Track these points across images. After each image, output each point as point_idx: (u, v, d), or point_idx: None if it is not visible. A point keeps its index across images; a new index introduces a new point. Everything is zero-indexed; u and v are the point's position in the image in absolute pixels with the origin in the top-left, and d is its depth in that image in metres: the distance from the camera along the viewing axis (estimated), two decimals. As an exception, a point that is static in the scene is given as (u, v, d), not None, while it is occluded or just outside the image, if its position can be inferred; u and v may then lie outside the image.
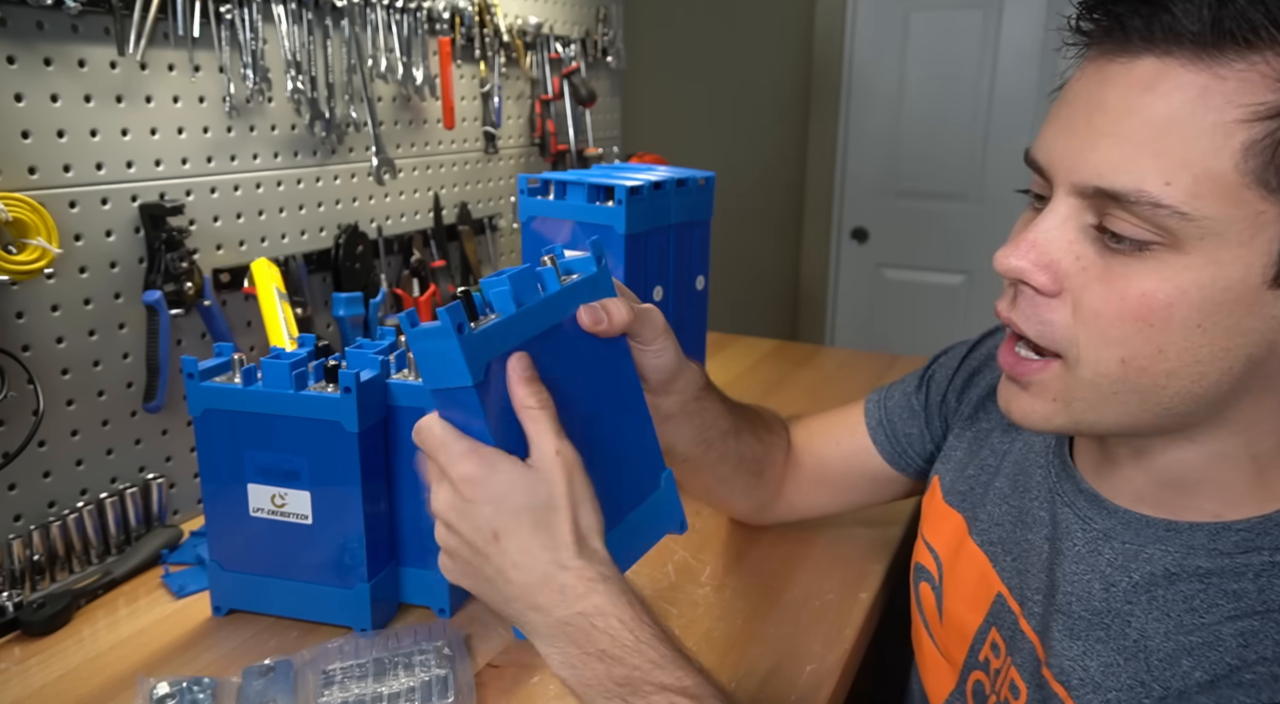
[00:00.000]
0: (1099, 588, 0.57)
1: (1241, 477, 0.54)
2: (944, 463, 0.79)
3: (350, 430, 0.76)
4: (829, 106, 2.67)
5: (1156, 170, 0.47)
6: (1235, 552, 0.53)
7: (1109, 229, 0.50)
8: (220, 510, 0.82)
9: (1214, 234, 0.47)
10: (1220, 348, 0.49)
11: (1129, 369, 0.51)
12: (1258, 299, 0.48)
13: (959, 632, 0.70)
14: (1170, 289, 0.48)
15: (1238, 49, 0.45)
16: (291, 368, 0.77)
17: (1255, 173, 0.46)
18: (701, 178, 1.14)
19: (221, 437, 0.80)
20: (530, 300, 0.56)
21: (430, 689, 0.72)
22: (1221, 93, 0.46)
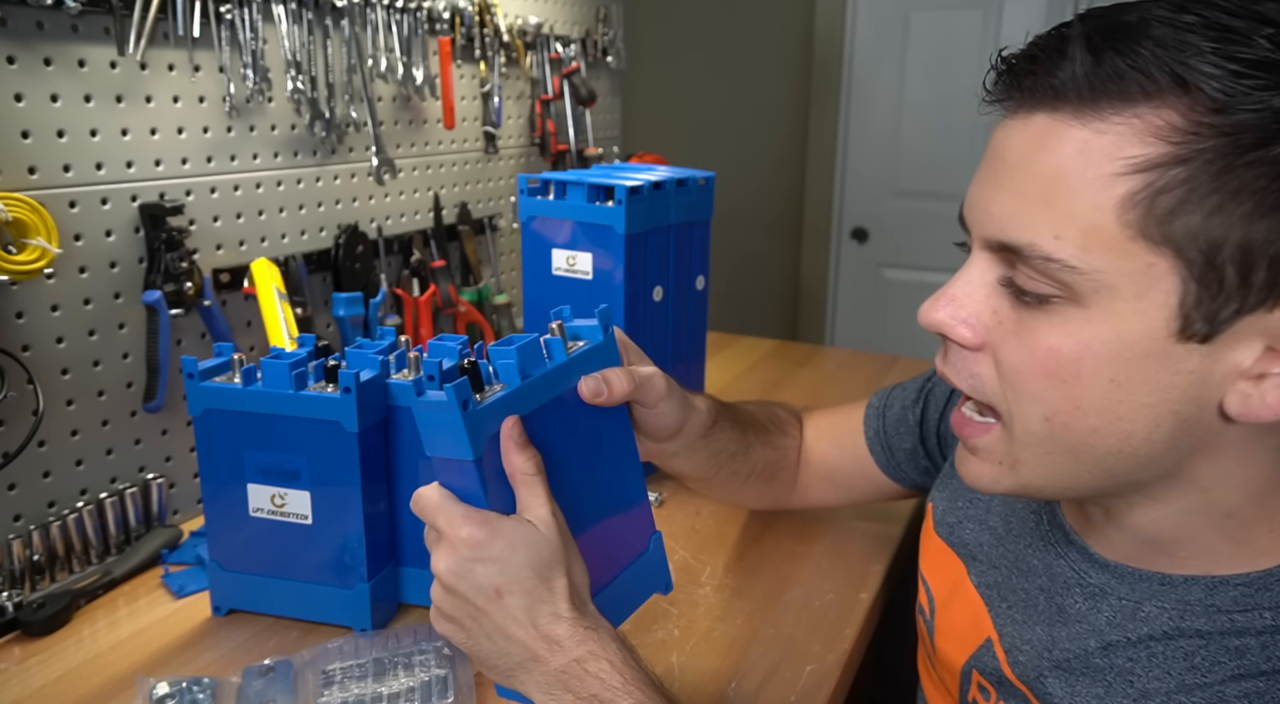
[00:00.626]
0: (1096, 645, 0.56)
1: (1220, 535, 0.53)
2: (939, 490, 0.78)
3: (350, 430, 0.76)
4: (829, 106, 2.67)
5: (1048, 224, 0.48)
6: (1234, 609, 0.52)
7: (1016, 283, 0.50)
8: (220, 510, 0.82)
9: (1107, 287, 0.47)
10: (1140, 405, 0.48)
11: (1053, 426, 0.51)
12: (1167, 353, 0.47)
13: (948, 668, 0.70)
14: (1075, 343, 0.48)
15: (1114, 105, 0.45)
16: (291, 368, 0.77)
17: (1137, 225, 0.45)
18: (701, 178, 1.14)
19: (221, 437, 0.79)
20: (535, 371, 0.58)
21: (430, 689, 0.72)
22: (1101, 147, 0.46)
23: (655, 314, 1.12)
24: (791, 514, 1.04)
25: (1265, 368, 0.47)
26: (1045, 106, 0.48)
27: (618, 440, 0.66)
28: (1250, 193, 0.43)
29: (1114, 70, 0.45)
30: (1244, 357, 0.47)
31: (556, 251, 1.09)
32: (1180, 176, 0.44)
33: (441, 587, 0.56)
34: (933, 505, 0.78)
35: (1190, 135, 0.44)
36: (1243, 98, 0.43)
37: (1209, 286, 0.45)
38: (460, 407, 0.52)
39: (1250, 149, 0.43)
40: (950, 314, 0.53)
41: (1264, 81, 0.43)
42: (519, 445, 0.55)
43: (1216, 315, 0.46)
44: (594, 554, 0.60)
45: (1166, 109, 0.44)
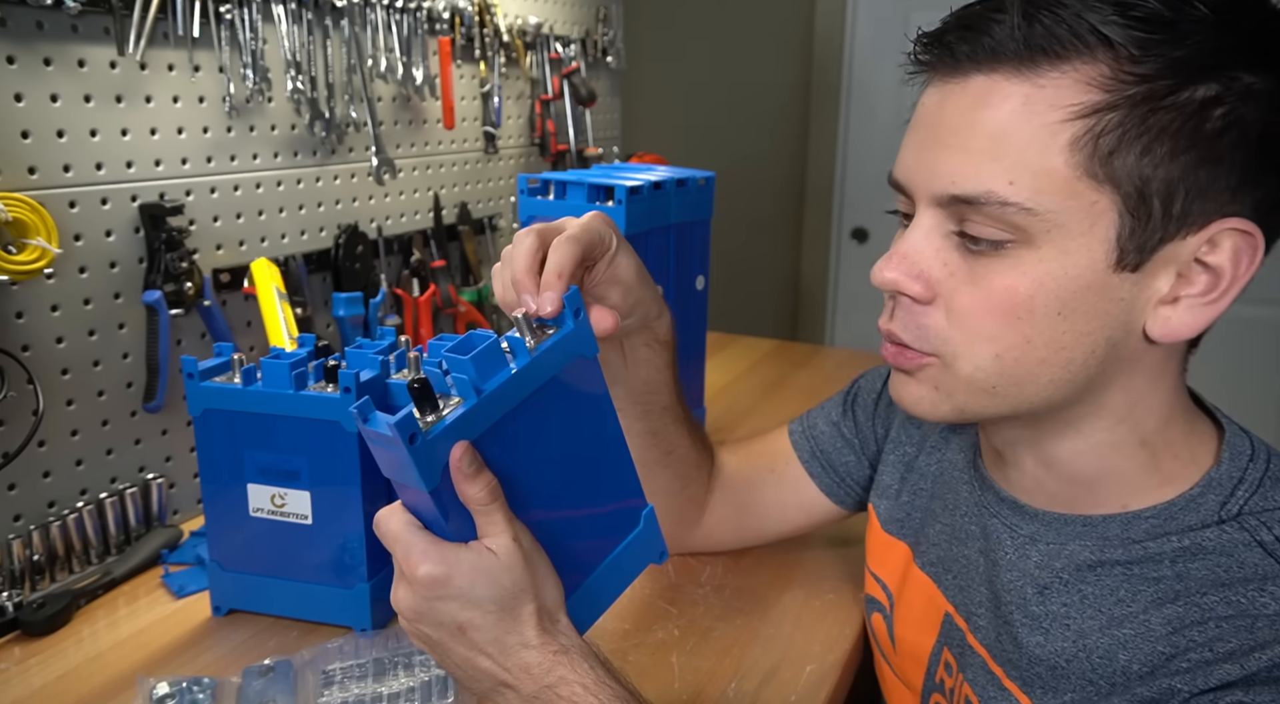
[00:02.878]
0: (1033, 592, 0.60)
1: (1135, 464, 0.58)
2: (877, 492, 0.80)
3: (350, 430, 0.76)
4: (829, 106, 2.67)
5: (1000, 173, 0.52)
6: (1146, 539, 0.56)
7: (968, 233, 0.54)
8: (220, 510, 0.82)
9: (1058, 226, 0.51)
10: (1081, 333, 0.53)
11: (1004, 362, 0.55)
12: (1106, 283, 0.52)
13: (914, 657, 0.72)
14: (1029, 282, 0.53)
15: (1050, 60, 0.50)
16: (291, 368, 0.77)
17: (1083, 165, 0.50)
18: (701, 178, 1.14)
19: (221, 437, 0.79)
20: (495, 379, 0.52)
21: (430, 689, 0.72)
22: (1043, 98, 0.51)
23: (655, 314, 1.12)
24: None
25: (1178, 291, 0.52)
26: (982, 68, 0.52)
27: (602, 419, 0.61)
28: (1169, 134, 0.49)
29: (1046, 31, 0.50)
30: (1162, 283, 0.52)
31: (556, 251, 1.09)
32: (1115, 120, 0.50)
33: (409, 624, 0.55)
34: (874, 507, 0.80)
35: (1119, 83, 0.49)
36: (1154, 49, 0.49)
37: (1140, 219, 0.51)
38: (407, 442, 0.47)
39: (1164, 95, 0.49)
40: (903, 271, 0.56)
41: (1162, 37, 0.49)
42: (469, 477, 0.51)
43: (1144, 246, 0.51)
44: (582, 542, 0.58)
45: (1097, 62, 0.50)
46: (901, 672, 0.74)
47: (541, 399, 0.55)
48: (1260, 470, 0.56)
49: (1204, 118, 0.49)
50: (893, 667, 0.76)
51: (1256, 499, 0.55)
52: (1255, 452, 0.57)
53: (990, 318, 0.54)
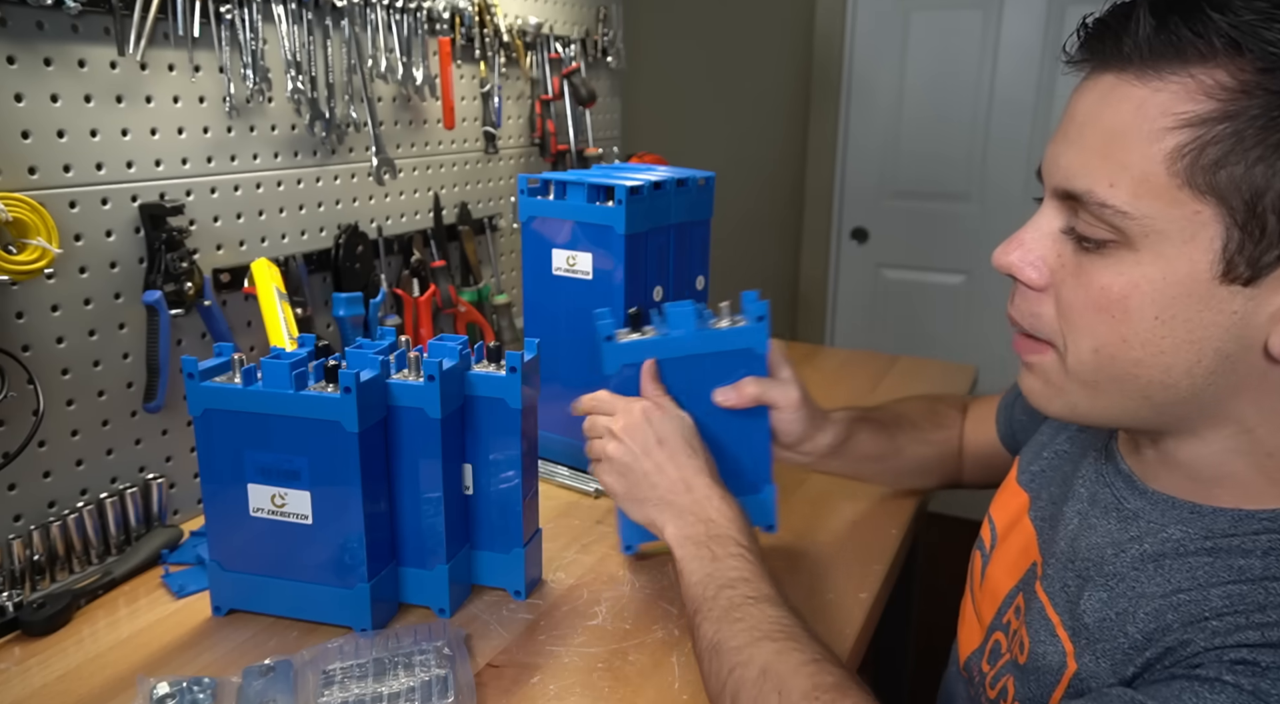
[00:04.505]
0: (1110, 553, 0.61)
1: (1259, 473, 0.56)
2: (1029, 446, 0.82)
3: (350, 430, 0.76)
4: (829, 106, 2.67)
5: (1104, 173, 0.53)
6: (1254, 532, 0.55)
7: (1077, 230, 0.55)
8: (220, 510, 0.82)
9: (1157, 232, 0.51)
10: (1182, 341, 0.53)
11: (1101, 357, 0.56)
12: (1210, 294, 0.51)
13: (992, 595, 0.75)
14: (1124, 283, 0.53)
15: (1171, 66, 0.50)
16: (291, 368, 0.77)
17: (1184, 174, 0.50)
18: (701, 178, 1.14)
19: (221, 437, 0.79)
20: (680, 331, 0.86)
21: (430, 689, 0.72)
22: (1157, 103, 0.51)
23: (655, 314, 1.12)
24: (791, 514, 1.04)
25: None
26: (1113, 68, 0.53)
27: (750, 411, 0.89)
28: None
29: (1174, 34, 0.50)
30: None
31: (556, 251, 1.09)
32: (1227, 131, 0.49)
33: (615, 441, 0.82)
34: (1019, 459, 0.82)
35: (1239, 93, 0.48)
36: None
37: (1251, 233, 0.49)
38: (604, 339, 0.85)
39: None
40: (1019, 257, 0.59)
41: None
42: (651, 378, 0.85)
43: (1259, 260, 0.50)
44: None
45: (1219, 70, 0.49)
46: (980, 607, 0.77)
47: (713, 362, 0.87)
48: None
49: None
50: (975, 603, 0.79)
51: None
52: None
53: (1088, 313, 0.55)
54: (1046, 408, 0.62)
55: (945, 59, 2.53)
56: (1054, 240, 0.57)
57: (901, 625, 1.44)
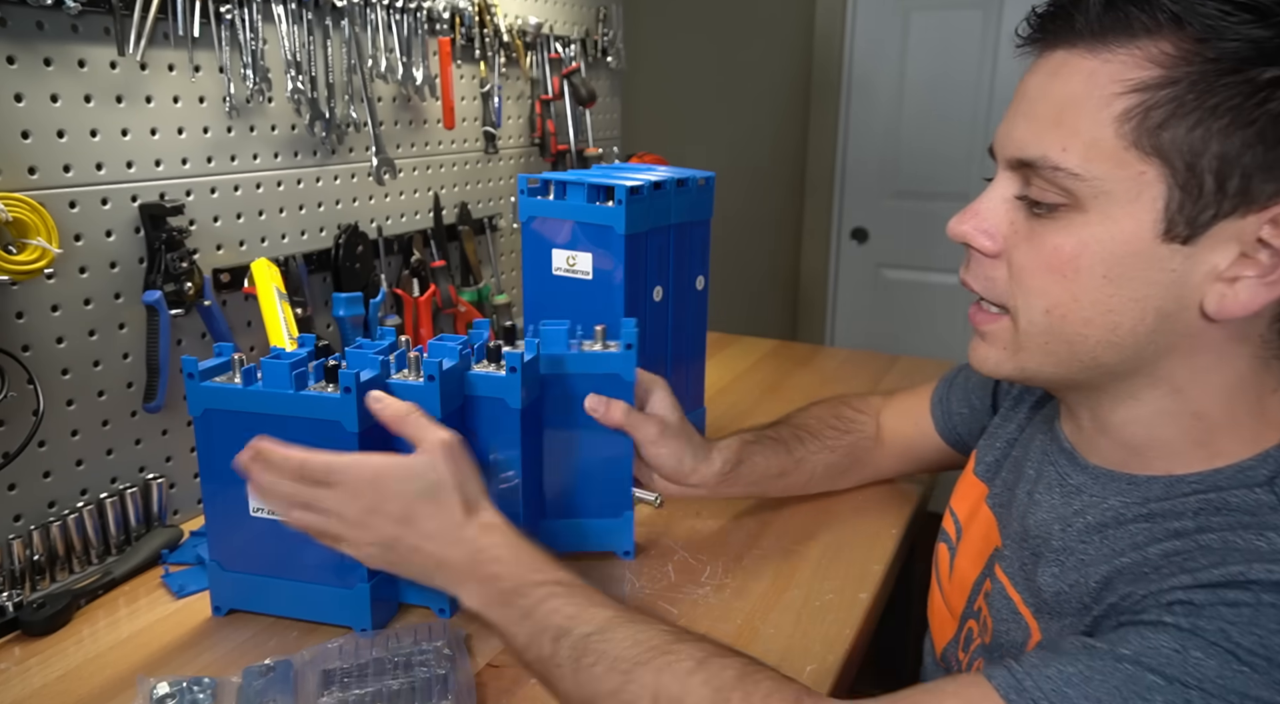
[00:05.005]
0: (1058, 528, 0.64)
1: (1186, 436, 0.60)
2: (984, 439, 0.84)
3: (350, 430, 0.76)
4: (829, 106, 2.67)
5: (1057, 140, 0.56)
6: (1185, 494, 0.59)
7: (1030, 196, 0.58)
8: (220, 510, 0.82)
9: (1105, 193, 0.55)
10: (1128, 298, 0.56)
11: (1053, 317, 0.59)
12: (1153, 253, 0.55)
13: (961, 585, 0.77)
14: (1075, 243, 0.56)
15: (1119, 39, 0.54)
16: (291, 368, 0.77)
17: (1131, 136, 0.53)
18: (701, 178, 1.14)
19: (221, 437, 0.79)
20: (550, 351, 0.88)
21: (430, 689, 0.72)
22: (1106, 73, 0.54)
23: (655, 314, 1.12)
24: (791, 514, 1.05)
25: (1239, 271, 0.54)
26: (1064, 45, 0.57)
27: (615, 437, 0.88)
28: (1227, 109, 0.51)
29: (1122, 11, 0.54)
30: (1220, 259, 0.54)
31: (556, 251, 1.09)
32: (1169, 95, 0.52)
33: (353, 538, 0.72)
34: (976, 452, 0.84)
35: (1180, 60, 0.52)
36: (1226, 30, 0.51)
37: (1190, 192, 0.53)
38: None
39: (1228, 73, 0.51)
40: (974, 226, 0.62)
41: (1247, 18, 0.51)
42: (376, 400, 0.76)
43: (1196, 219, 0.53)
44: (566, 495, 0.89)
45: (1163, 40, 0.53)
46: (950, 599, 0.79)
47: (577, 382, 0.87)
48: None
49: (1269, 97, 0.50)
50: (944, 594, 0.80)
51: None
52: None
53: (1041, 274, 0.58)
54: (998, 371, 0.64)
55: (945, 59, 2.53)
56: (1007, 208, 0.60)
57: (901, 625, 1.44)
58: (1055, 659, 0.51)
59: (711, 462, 0.91)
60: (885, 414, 1.05)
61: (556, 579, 0.67)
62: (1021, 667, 0.52)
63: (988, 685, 0.51)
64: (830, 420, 1.04)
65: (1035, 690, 0.50)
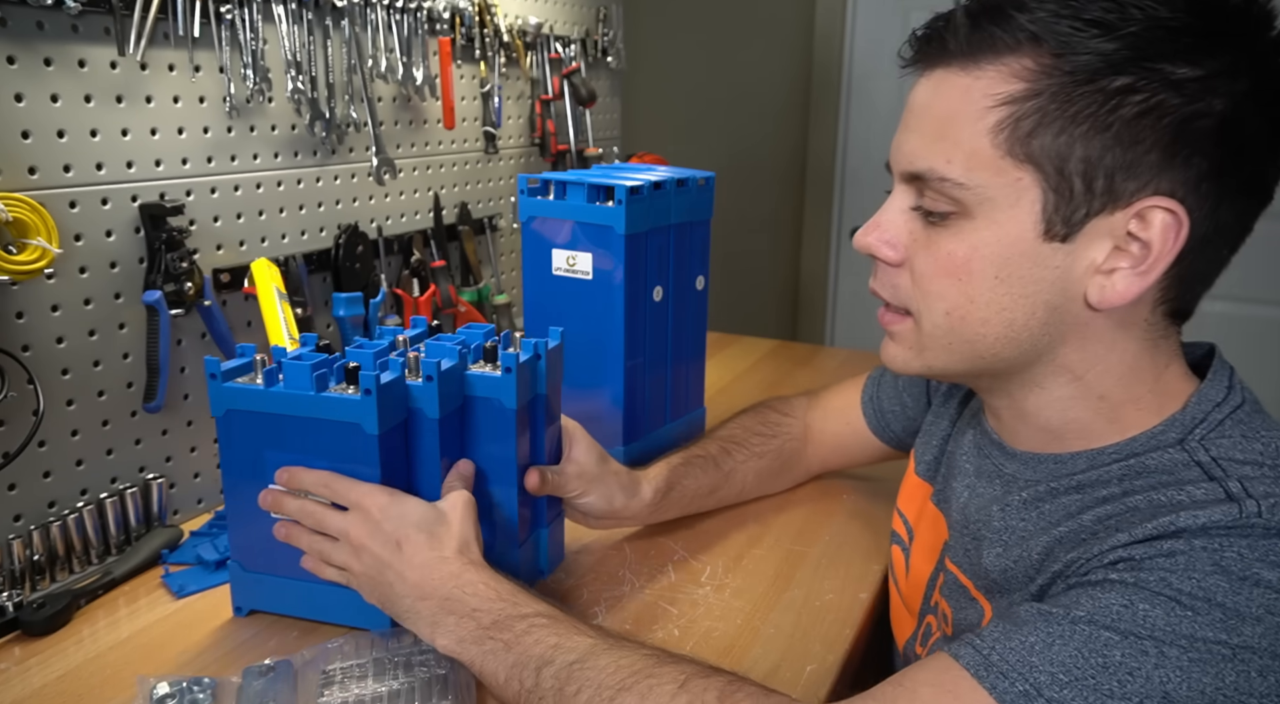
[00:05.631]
0: (997, 511, 0.68)
1: (1096, 416, 0.64)
2: (920, 437, 0.87)
3: (370, 433, 0.75)
4: (829, 106, 2.67)
5: (941, 153, 0.60)
6: (1108, 463, 0.63)
7: (924, 206, 0.62)
8: (241, 511, 0.81)
9: (988, 199, 0.59)
10: (1019, 296, 0.60)
11: (953, 319, 0.63)
12: (1037, 252, 0.59)
13: (917, 583, 0.80)
14: (966, 248, 0.60)
15: (987, 57, 0.58)
16: (313, 369, 0.76)
17: (1005, 146, 0.58)
18: (701, 178, 1.14)
19: (243, 437, 0.79)
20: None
21: (430, 689, 0.72)
22: (979, 88, 0.58)
23: (655, 314, 1.12)
24: (791, 514, 1.05)
25: (1114, 263, 0.58)
26: (941, 65, 0.61)
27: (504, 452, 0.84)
28: (1085, 117, 0.56)
29: (987, 32, 0.58)
30: (1097, 253, 0.58)
31: (556, 251, 1.09)
32: (1034, 106, 0.57)
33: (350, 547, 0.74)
34: (914, 452, 0.87)
35: (1041, 74, 0.56)
36: (1079, 45, 0.55)
37: (1063, 194, 0.57)
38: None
39: (1083, 83, 0.55)
40: (877, 238, 0.66)
41: (1096, 33, 0.55)
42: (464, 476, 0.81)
43: (1071, 218, 0.58)
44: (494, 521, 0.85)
45: (1025, 57, 0.57)
46: (908, 598, 0.82)
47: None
48: (1224, 413, 0.61)
49: (1121, 103, 0.55)
50: (902, 594, 0.83)
51: (1212, 435, 0.60)
52: (1227, 399, 0.62)
53: (938, 278, 0.62)
54: (907, 369, 0.68)
55: (945, 59, 2.52)
56: (905, 219, 0.64)
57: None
58: (1016, 630, 0.53)
59: (641, 495, 0.92)
60: (812, 414, 1.08)
61: (538, 611, 0.68)
62: (985, 641, 0.54)
63: (957, 666, 0.53)
64: (755, 428, 1.06)
65: (1002, 664, 0.52)
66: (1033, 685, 0.50)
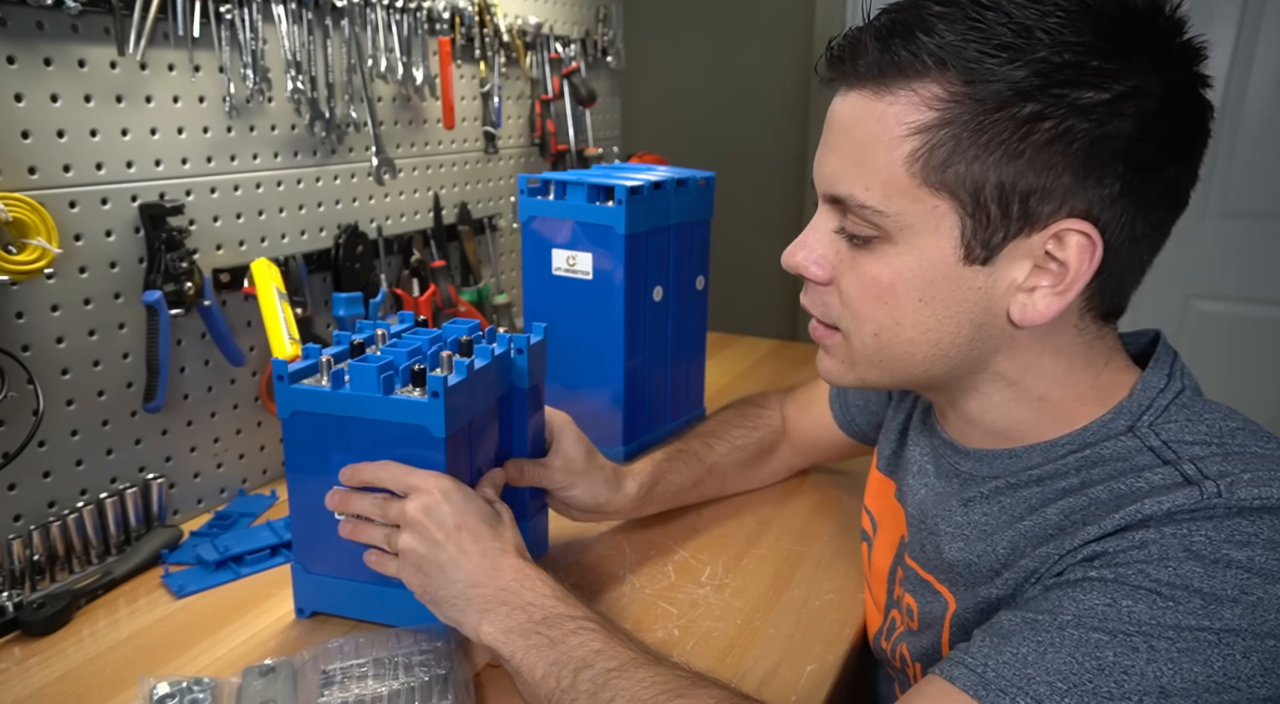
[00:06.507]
0: (956, 505, 0.69)
1: (1040, 415, 0.65)
2: (883, 433, 0.88)
3: (437, 435, 0.75)
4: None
5: (860, 178, 0.60)
6: (1063, 455, 0.63)
7: (847, 229, 0.62)
8: (305, 513, 0.81)
9: (908, 226, 0.59)
10: (943, 317, 0.61)
11: (880, 340, 0.63)
12: (959, 275, 0.59)
13: (879, 576, 0.81)
14: (890, 272, 0.61)
15: (898, 81, 0.58)
16: (379, 371, 0.75)
17: (920, 175, 0.57)
18: (701, 178, 1.14)
19: (308, 439, 0.78)
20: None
21: (430, 689, 0.72)
22: (893, 115, 0.58)
23: (655, 314, 1.12)
24: (791, 514, 1.05)
25: (1034, 282, 0.59)
26: (855, 86, 0.60)
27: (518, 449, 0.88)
28: (998, 144, 0.55)
29: (895, 55, 0.57)
30: (1018, 274, 0.59)
31: (556, 251, 1.09)
32: (947, 135, 0.56)
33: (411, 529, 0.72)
34: (878, 448, 0.88)
35: (951, 103, 0.56)
36: (987, 73, 0.55)
37: (980, 220, 0.58)
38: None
39: (995, 110, 0.55)
40: (804, 257, 0.66)
41: (1004, 59, 0.54)
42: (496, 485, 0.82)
43: (989, 242, 0.58)
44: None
45: (933, 83, 0.56)
46: (874, 592, 0.83)
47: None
48: (1168, 398, 0.62)
49: (1031, 130, 0.55)
50: (870, 589, 0.84)
51: (1160, 420, 0.61)
52: (1169, 385, 0.63)
53: (865, 301, 0.63)
54: (841, 381, 0.68)
55: (945, 59, 2.52)
56: (831, 240, 0.64)
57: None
58: (1005, 643, 0.54)
59: (626, 490, 0.93)
60: (788, 409, 1.09)
61: (589, 615, 0.69)
62: (976, 659, 0.54)
63: (955, 690, 0.53)
64: (735, 421, 1.07)
65: (999, 680, 0.52)
66: (1034, 699, 0.51)
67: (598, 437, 1.13)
